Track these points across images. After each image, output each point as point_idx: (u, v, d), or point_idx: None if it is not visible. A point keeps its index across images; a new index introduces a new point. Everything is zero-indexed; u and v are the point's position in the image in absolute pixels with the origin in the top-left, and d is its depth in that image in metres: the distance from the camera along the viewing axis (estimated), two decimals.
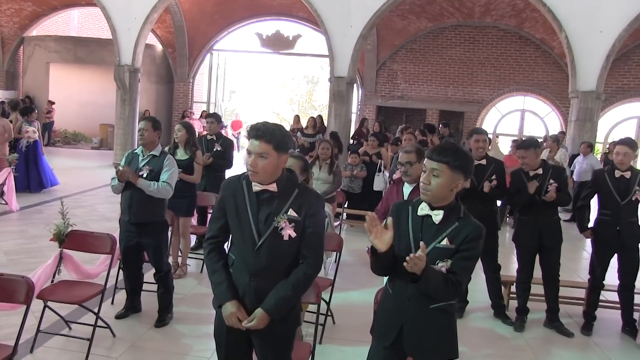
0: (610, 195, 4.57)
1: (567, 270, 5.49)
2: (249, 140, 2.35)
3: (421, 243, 2.20)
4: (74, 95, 17.83)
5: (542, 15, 11.65)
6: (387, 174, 7.81)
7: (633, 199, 4.52)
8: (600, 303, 4.93)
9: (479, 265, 4.64)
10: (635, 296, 4.78)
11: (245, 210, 2.38)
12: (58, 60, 17.37)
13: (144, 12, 12.78)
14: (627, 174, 4.54)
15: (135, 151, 4.34)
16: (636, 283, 4.74)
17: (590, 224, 4.85)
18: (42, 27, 18.76)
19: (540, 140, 12.46)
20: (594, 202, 4.82)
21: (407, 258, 2.13)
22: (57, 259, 4.04)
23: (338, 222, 6.88)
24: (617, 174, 4.56)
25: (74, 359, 3.62)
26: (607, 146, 12.74)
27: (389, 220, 2.25)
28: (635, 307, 4.79)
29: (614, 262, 4.75)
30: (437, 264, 2.26)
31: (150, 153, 4.25)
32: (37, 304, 3.72)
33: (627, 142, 4.56)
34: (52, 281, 3.99)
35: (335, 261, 4.40)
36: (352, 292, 5.33)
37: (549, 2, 10.71)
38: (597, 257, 4.76)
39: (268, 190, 2.36)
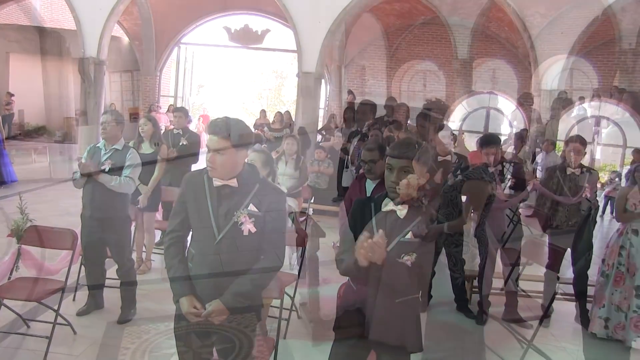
0: (562, 191, 4.74)
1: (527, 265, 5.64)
2: (208, 135, 2.35)
3: (380, 231, 2.18)
4: (37, 87, 17.26)
5: (507, 15, 11.90)
6: (354, 170, 7.87)
7: (583, 195, 4.70)
8: (557, 295, 5.09)
9: (443, 260, 4.74)
10: (589, 288, 4.96)
11: (206, 205, 2.37)
12: (19, 51, 16.79)
13: (110, 3, 12.47)
14: (578, 171, 4.73)
15: (98, 145, 4.27)
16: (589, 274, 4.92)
17: None
18: (0, 15, 18.08)
19: (504, 137, 12.81)
20: None
21: (364, 243, 2.12)
22: (15, 255, 3.94)
23: (304, 218, 6.88)
24: (569, 171, 4.74)
25: (32, 359, 3.53)
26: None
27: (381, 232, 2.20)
28: (588, 298, 4.97)
29: (569, 256, 4.91)
30: (402, 257, 2.29)
31: (113, 147, 4.19)
32: None
33: (580, 140, 4.76)
34: (9, 278, 3.88)
35: (301, 256, 4.41)
36: (317, 287, 5.34)
37: (513, 2, 10.96)
38: (552, 251, 4.92)
39: (229, 186, 2.36)
